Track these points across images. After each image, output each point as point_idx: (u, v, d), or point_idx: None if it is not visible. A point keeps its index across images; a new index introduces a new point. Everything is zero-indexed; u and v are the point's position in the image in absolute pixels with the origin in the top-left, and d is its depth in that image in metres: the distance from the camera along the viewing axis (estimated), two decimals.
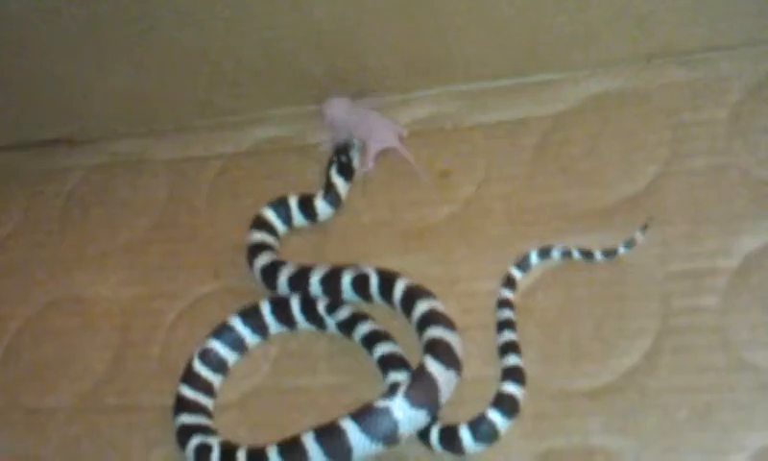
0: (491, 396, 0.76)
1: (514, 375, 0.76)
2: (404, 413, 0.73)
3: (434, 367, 0.75)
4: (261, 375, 0.86)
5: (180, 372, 0.86)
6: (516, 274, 0.80)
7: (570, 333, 0.78)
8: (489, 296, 0.81)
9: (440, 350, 0.76)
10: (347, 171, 0.91)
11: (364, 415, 0.74)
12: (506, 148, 0.89)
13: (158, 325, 0.91)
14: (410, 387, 0.74)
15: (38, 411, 0.90)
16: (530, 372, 0.77)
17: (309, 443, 0.75)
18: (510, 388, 0.75)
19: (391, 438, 0.74)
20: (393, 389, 0.74)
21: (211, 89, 0.99)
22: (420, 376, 0.75)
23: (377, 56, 0.93)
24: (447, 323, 0.79)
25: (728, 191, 0.79)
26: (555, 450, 0.73)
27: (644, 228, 0.77)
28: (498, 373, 0.77)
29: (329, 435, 0.75)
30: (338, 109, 0.92)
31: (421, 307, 0.80)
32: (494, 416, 0.74)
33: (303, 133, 0.98)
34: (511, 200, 0.86)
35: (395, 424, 0.73)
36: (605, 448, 0.72)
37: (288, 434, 0.79)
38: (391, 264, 0.85)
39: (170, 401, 0.85)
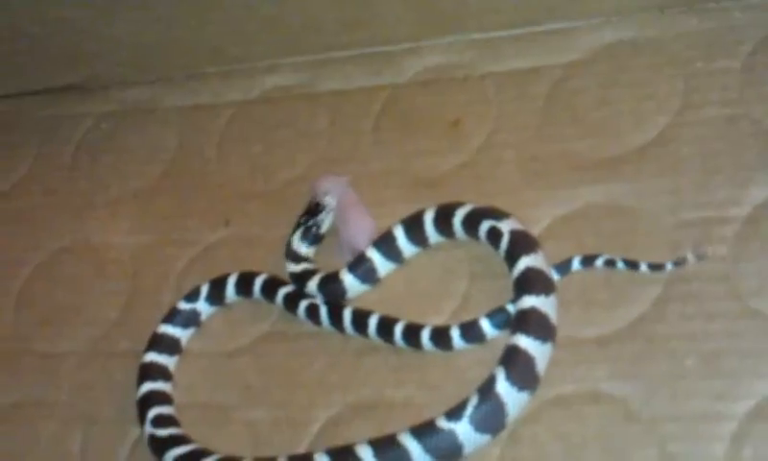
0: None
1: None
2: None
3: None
4: (270, 321, 0.87)
5: None
6: (555, 274, 0.79)
7: (580, 282, 0.78)
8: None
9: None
10: (311, 237, 0.88)
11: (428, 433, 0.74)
12: (517, 97, 0.89)
13: (169, 272, 0.92)
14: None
15: (51, 356, 0.92)
16: None
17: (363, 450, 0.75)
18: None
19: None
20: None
21: (221, 37, 0.99)
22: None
23: (389, 3, 0.93)
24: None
25: (739, 142, 0.80)
26: (563, 397, 0.74)
27: (699, 254, 0.75)
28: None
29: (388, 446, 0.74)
30: (330, 189, 0.88)
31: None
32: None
33: (313, 81, 0.98)
34: (521, 149, 0.87)
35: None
36: (612, 394, 0.73)
37: (298, 378, 0.82)
38: (401, 213, 0.85)
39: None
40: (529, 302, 0.76)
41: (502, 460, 0.74)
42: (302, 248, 0.87)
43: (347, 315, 0.82)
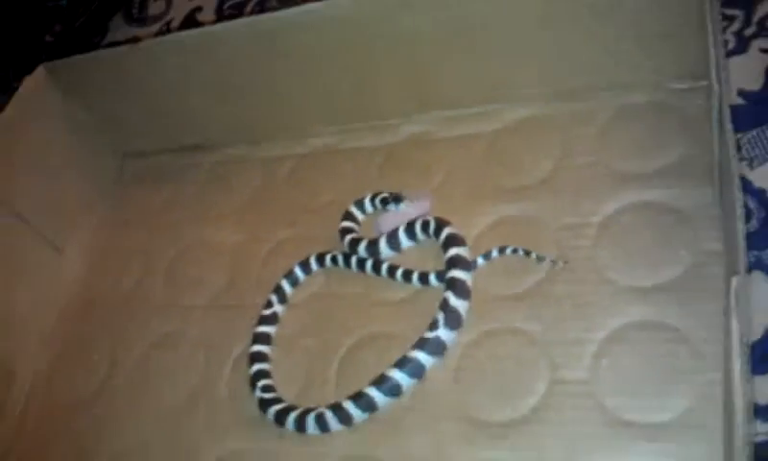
0: None
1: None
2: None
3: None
4: (318, 284, 0.89)
5: (270, 286, 0.88)
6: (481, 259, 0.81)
7: (502, 262, 0.80)
8: None
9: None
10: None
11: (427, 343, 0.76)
12: (465, 151, 0.90)
13: (256, 257, 0.93)
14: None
15: (187, 307, 0.93)
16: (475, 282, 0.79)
17: (394, 372, 0.75)
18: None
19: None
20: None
21: (284, 113, 1.00)
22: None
23: (387, 94, 0.94)
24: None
25: (596, 178, 0.81)
26: (493, 331, 0.76)
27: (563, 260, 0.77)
28: None
29: (408, 362, 0.76)
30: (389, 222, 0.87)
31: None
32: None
33: (341, 142, 0.99)
34: (467, 183, 0.88)
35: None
36: (523, 329, 0.75)
37: (333, 320, 0.84)
38: None
39: (263, 301, 0.87)
40: (456, 273, 0.78)
41: (458, 370, 0.75)
42: (360, 214, 0.88)
43: (384, 267, 0.84)
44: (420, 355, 0.76)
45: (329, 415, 0.76)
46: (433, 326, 0.76)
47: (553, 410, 0.70)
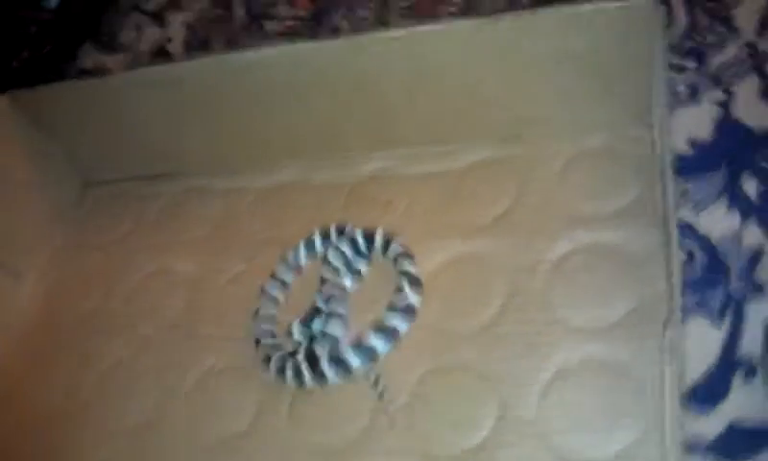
0: None
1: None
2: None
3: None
4: None
5: (228, 317, 0.89)
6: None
7: (454, 298, 0.81)
8: None
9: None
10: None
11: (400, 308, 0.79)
12: (425, 188, 0.92)
13: (213, 287, 0.93)
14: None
15: (141, 334, 0.93)
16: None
17: (373, 340, 0.78)
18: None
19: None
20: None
21: (249, 146, 1.01)
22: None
23: (352, 132, 0.96)
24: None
25: (551, 217, 0.83)
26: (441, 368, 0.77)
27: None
28: None
29: (386, 329, 0.79)
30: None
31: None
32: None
33: (308, 176, 0.99)
34: (425, 218, 0.89)
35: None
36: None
37: None
38: None
39: (222, 332, 0.88)
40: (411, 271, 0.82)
41: (408, 405, 0.76)
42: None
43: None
44: (395, 322, 0.79)
45: (306, 372, 0.79)
46: (401, 293, 0.80)
47: (502, 448, 0.70)
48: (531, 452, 0.69)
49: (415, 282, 0.82)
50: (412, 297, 0.81)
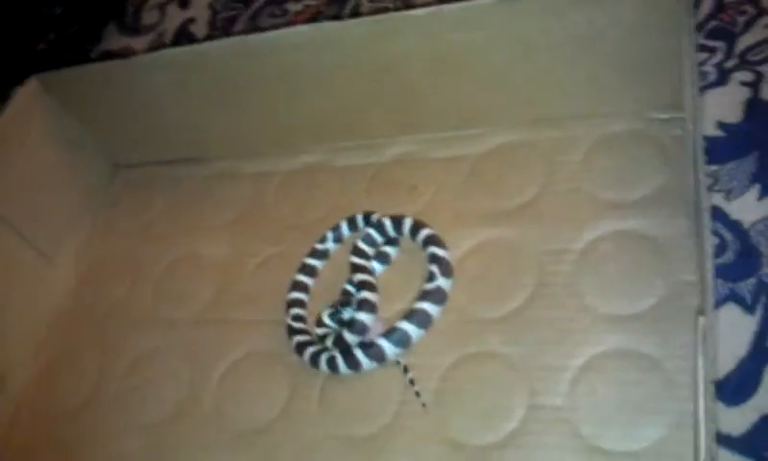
0: None
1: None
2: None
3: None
4: None
5: (257, 302, 0.89)
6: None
7: (482, 285, 0.81)
8: None
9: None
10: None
11: (437, 295, 0.79)
12: (450, 174, 0.91)
13: (243, 271, 0.93)
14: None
15: (172, 320, 0.93)
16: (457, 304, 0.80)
17: (405, 325, 0.78)
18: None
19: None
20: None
21: (277, 130, 1.00)
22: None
23: (375, 115, 0.95)
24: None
25: (578, 204, 0.82)
26: (472, 354, 0.76)
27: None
28: None
29: (417, 314, 0.79)
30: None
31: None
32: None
33: (331, 160, 0.99)
34: (451, 204, 0.88)
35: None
36: (502, 353, 0.75)
37: None
38: None
39: (252, 316, 0.88)
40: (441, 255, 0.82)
41: (437, 392, 0.75)
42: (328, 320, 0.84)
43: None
44: (426, 306, 0.79)
45: (340, 359, 0.79)
46: (431, 277, 0.80)
47: (530, 435, 0.70)
48: (560, 441, 0.69)
49: (445, 266, 0.82)
50: (443, 281, 0.80)
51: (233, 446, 0.81)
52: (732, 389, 0.68)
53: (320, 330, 0.84)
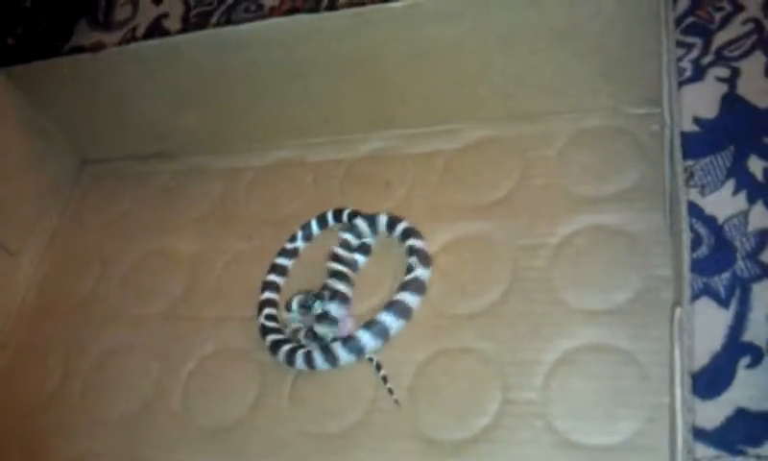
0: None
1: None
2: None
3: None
4: None
5: (226, 298, 0.88)
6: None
7: (457, 280, 0.80)
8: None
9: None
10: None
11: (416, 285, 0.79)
12: (425, 169, 0.90)
13: (214, 268, 0.92)
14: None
15: (140, 316, 0.92)
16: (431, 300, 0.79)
17: (384, 316, 0.77)
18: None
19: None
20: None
21: (246, 127, 0.99)
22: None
23: (349, 110, 0.94)
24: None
25: (554, 200, 0.81)
26: (447, 349, 0.76)
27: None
28: None
29: (397, 305, 0.78)
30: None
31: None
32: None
33: (304, 155, 0.98)
34: (427, 200, 0.87)
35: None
36: (476, 348, 0.75)
37: None
38: None
39: (222, 313, 0.87)
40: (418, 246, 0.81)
41: (411, 388, 0.75)
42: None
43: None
44: (406, 296, 0.78)
45: (317, 354, 0.78)
46: (410, 268, 0.79)
47: (504, 430, 0.70)
48: (534, 436, 0.69)
49: (423, 257, 0.81)
50: (421, 271, 0.80)
51: (202, 443, 0.79)
52: (707, 383, 0.68)
53: (288, 316, 0.83)
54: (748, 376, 0.68)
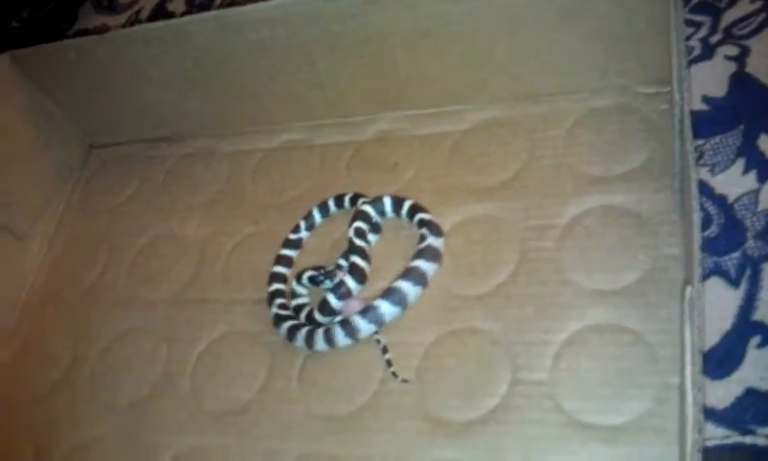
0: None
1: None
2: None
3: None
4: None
5: (235, 281, 0.88)
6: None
7: (466, 261, 0.80)
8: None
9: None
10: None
11: (429, 252, 0.79)
12: (432, 150, 0.90)
13: (221, 251, 0.92)
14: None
15: (149, 301, 0.92)
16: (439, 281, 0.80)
17: (401, 283, 0.78)
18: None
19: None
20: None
21: (253, 109, 0.99)
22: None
23: (356, 92, 0.93)
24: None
25: (562, 180, 0.81)
26: (456, 330, 0.76)
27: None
28: None
29: (413, 271, 0.78)
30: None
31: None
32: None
33: (311, 138, 0.98)
34: (434, 181, 0.87)
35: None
36: (484, 328, 0.75)
37: None
38: None
39: (229, 296, 0.87)
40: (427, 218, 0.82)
41: (419, 369, 0.75)
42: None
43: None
44: (422, 263, 0.79)
45: (338, 329, 0.78)
46: (422, 238, 0.80)
47: (513, 411, 0.70)
48: (542, 416, 0.69)
49: (435, 228, 0.81)
50: (434, 240, 0.80)
51: (211, 426, 0.80)
52: (717, 362, 0.68)
53: (298, 288, 0.84)
54: (758, 356, 0.67)
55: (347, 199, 0.88)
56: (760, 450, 0.63)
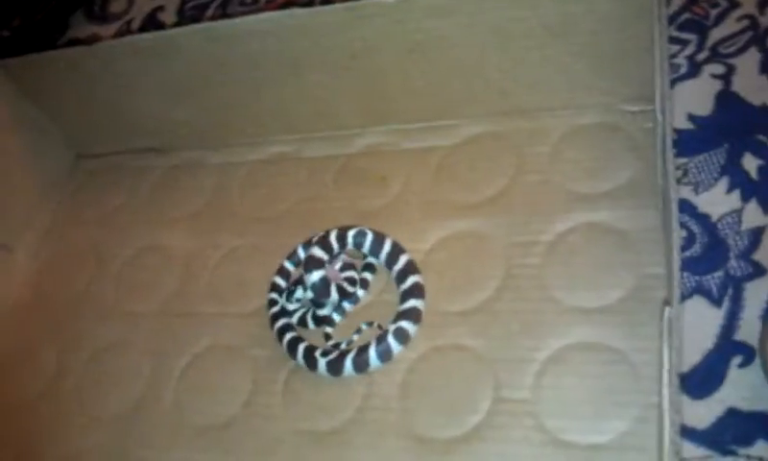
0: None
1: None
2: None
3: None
4: None
5: (221, 294, 0.88)
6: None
7: (450, 277, 0.80)
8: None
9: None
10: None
11: (411, 314, 0.78)
12: (420, 165, 0.90)
13: (207, 264, 0.92)
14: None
15: (136, 313, 0.92)
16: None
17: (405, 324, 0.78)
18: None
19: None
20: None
21: (242, 121, 0.99)
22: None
23: (345, 105, 0.94)
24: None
25: (548, 196, 0.81)
26: (439, 347, 0.76)
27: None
28: None
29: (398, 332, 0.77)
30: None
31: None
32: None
33: (299, 150, 0.98)
34: (421, 196, 0.88)
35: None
36: (467, 345, 0.75)
37: None
38: None
39: (215, 309, 0.87)
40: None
41: (403, 385, 0.75)
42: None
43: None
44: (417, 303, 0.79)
45: (348, 360, 0.77)
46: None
47: (495, 429, 0.70)
48: (524, 435, 0.69)
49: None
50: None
51: (196, 442, 0.80)
52: (698, 382, 0.68)
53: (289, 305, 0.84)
54: (739, 376, 0.68)
55: (331, 236, 0.85)
56: None
